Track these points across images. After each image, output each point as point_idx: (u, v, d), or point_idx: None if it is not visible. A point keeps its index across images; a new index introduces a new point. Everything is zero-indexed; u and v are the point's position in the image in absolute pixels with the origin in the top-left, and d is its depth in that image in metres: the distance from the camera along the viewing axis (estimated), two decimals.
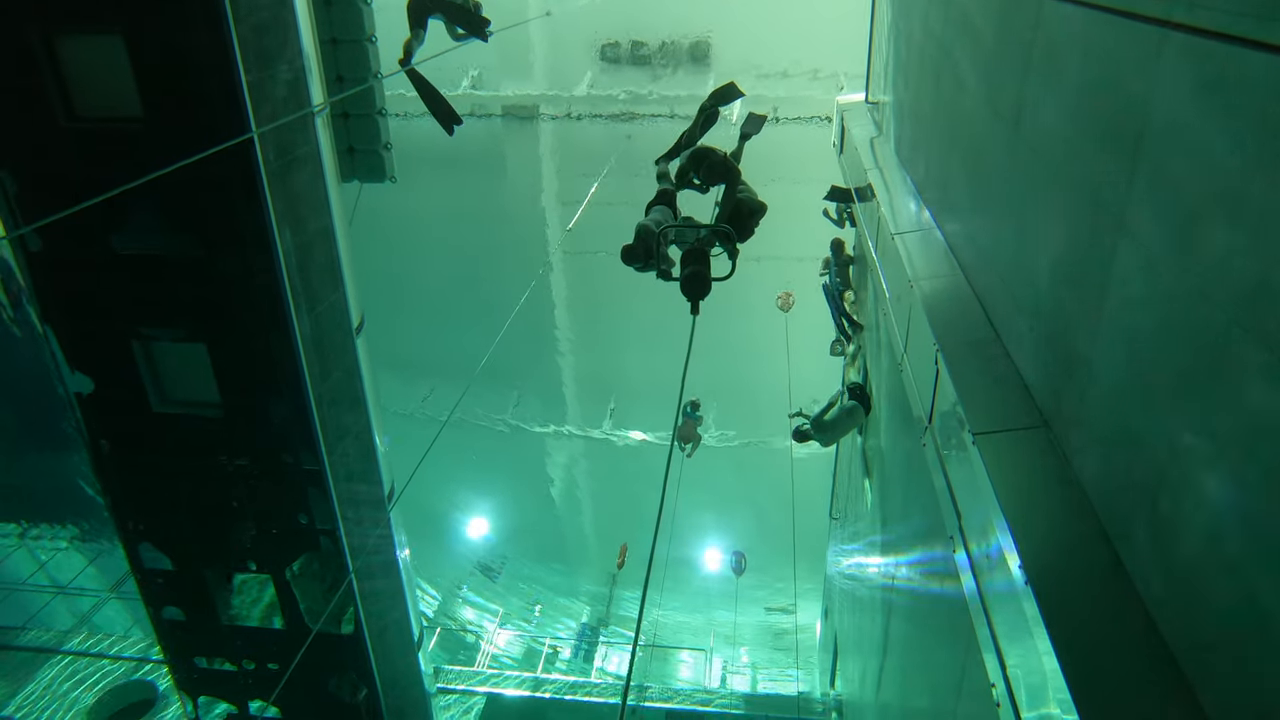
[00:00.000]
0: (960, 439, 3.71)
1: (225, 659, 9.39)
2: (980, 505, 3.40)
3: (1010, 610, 2.97)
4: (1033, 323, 3.77)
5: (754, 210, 6.59)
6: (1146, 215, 2.66)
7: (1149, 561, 2.69)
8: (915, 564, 5.99)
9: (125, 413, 7.94)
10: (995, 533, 3.15)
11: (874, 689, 7.97)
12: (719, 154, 6.62)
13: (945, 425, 4.12)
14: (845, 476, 10.86)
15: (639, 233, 6.19)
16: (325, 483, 7.86)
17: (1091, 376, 3.07)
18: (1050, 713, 2.65)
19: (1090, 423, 3.10)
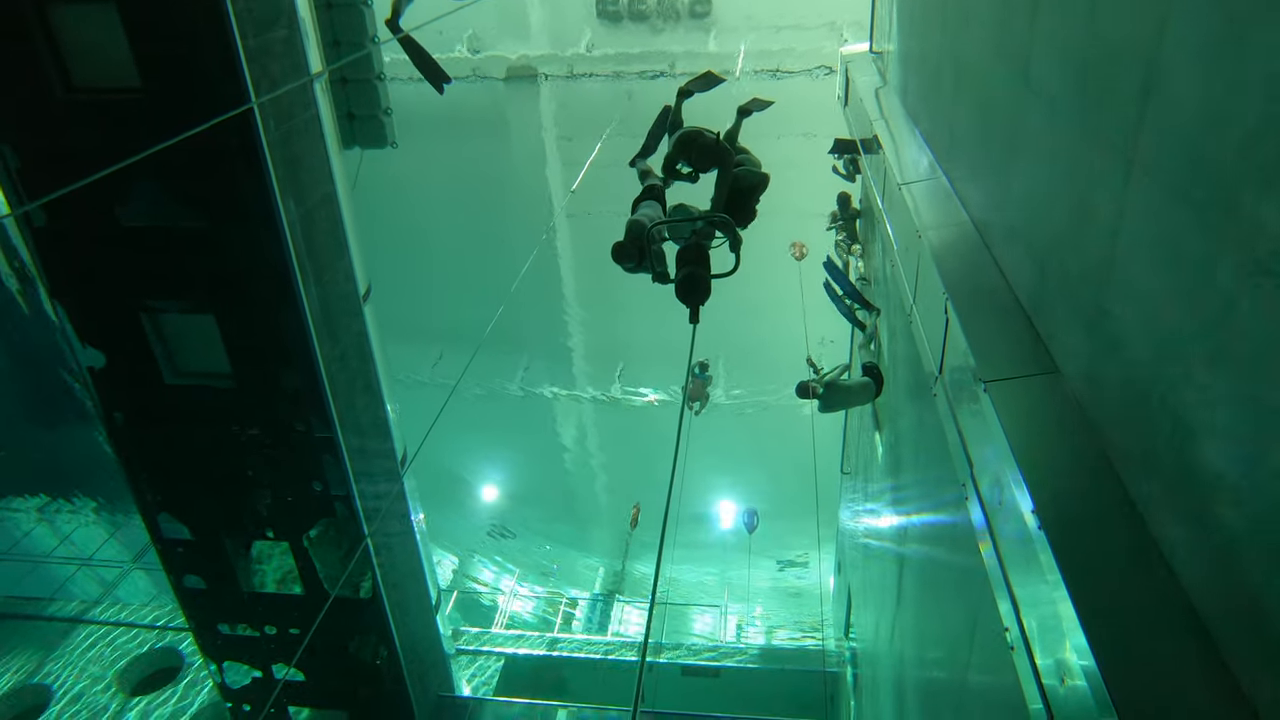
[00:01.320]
0: (971, 387, 3.70)
1: (247, 625, 9.54)
2: (992, 453, 3.39)
3: (1023, 555, 2.99)
4: (1044, 269, 3.74)
5: (754, 186, 6.07)
6: (1158, 157, 2.62)
7: (1163, 504, 2.69)
8: (927, 515, 6.02)
9: (138, 386, 7.99)
10: (1007, 479, 3.16)
11: (888, 639, 8.05)
12: (709, 136, 5.93)
13: (955, 374, 4.11)
14: (856, 431, 10.88)
15: (630, 229, 5.60)
16: (338, 449, 7.92)
17: (1105, 321, 3.05)
18: (1064, 656, 2.67)
19: (1103, 367, 3.08)
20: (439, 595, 10.54)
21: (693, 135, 5.99)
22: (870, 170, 8.33)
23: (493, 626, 16.28)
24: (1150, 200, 2.67)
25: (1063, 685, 2.66)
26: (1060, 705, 2.73)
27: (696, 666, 12.10)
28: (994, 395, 3.41)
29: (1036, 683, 2.87)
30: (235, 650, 9.83)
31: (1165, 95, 2.58)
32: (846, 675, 11.44)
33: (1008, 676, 3.47)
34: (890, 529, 7.97)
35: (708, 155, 5.90)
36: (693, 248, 5.31)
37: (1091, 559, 2.66)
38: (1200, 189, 2.37)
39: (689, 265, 5.17)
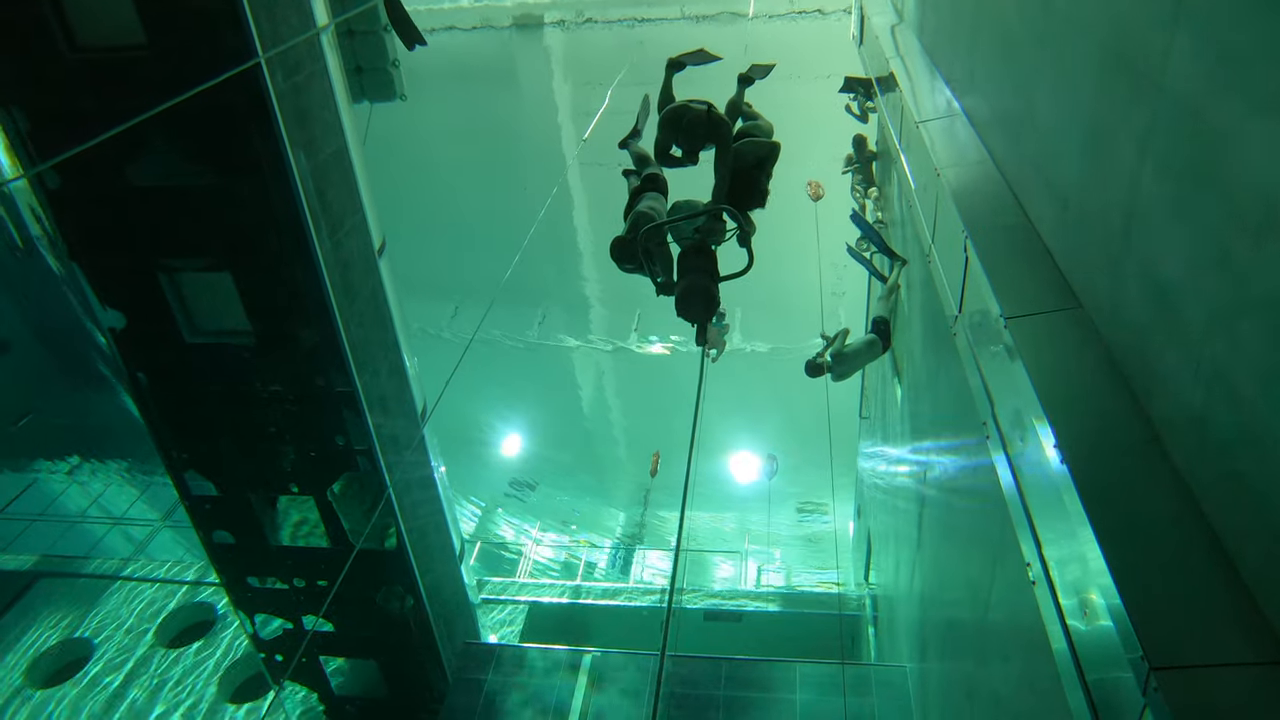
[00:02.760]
0: (991, 324, 3.66)
1: (276, 578, 9.72)
2: (1013, 390, 3.37)
3: (1046, 491, 2.97)
4: (1065, 203, 3.66)
5: (762, 158, 5.38)
6: (1185, 85, 2.54)
7: (1187, 438, 2.66)
8: (947, 456, 6.01)
9: (159, 345, 8.05)
10: (1029, 416, 3.13)
11: (907, 581, 8.11)
12: (697, 109, 5.06)
13: (975, 312, 4.07)
14: (875, 376, 10.84)
15: (632, 224, 5.03)
16: (359, 404, 7.97)
17: (1127, 253, 2.99)
18: (1087, 591, 2.67)
19: (1126, 301, 3.03)
20: (462, 546, 10.69)
21: (679, 111, 5.13)
22: (887, 110, 8.17)
23: (516, 576, 16.55)
24: (1177, 130, 2.60)
25: (1085, 620, 2.67)
26: (1083, 640, 2.74)
27: (718, 611, 12.27)
28: (1015, 332, 3.37)
29: (1059, 618, 2.88)
30: (266, 603, 10.03)
31: (1194, 19, 2.49)
32: (866, 618, 11.57)
33: (1029, 613, 3.48)
34: (910, 472, 7.98)
35: (699, 131, 5.04)
36: (692, 251, 4.68)
37: (1115, 493, 2.65)
38: (1228, 119, 2.30)
39: (689, 274, 4.56)
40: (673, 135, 5.14)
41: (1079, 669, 2.72)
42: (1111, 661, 2.47)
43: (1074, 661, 2.76)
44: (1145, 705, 2.17)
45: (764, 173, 5.43)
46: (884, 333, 9.28)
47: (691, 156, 5.14)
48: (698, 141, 5.07)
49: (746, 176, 5.26)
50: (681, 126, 5.06)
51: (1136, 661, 2.20)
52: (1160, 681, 2.11)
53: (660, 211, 5.22)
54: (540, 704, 8.71)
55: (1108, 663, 2.53)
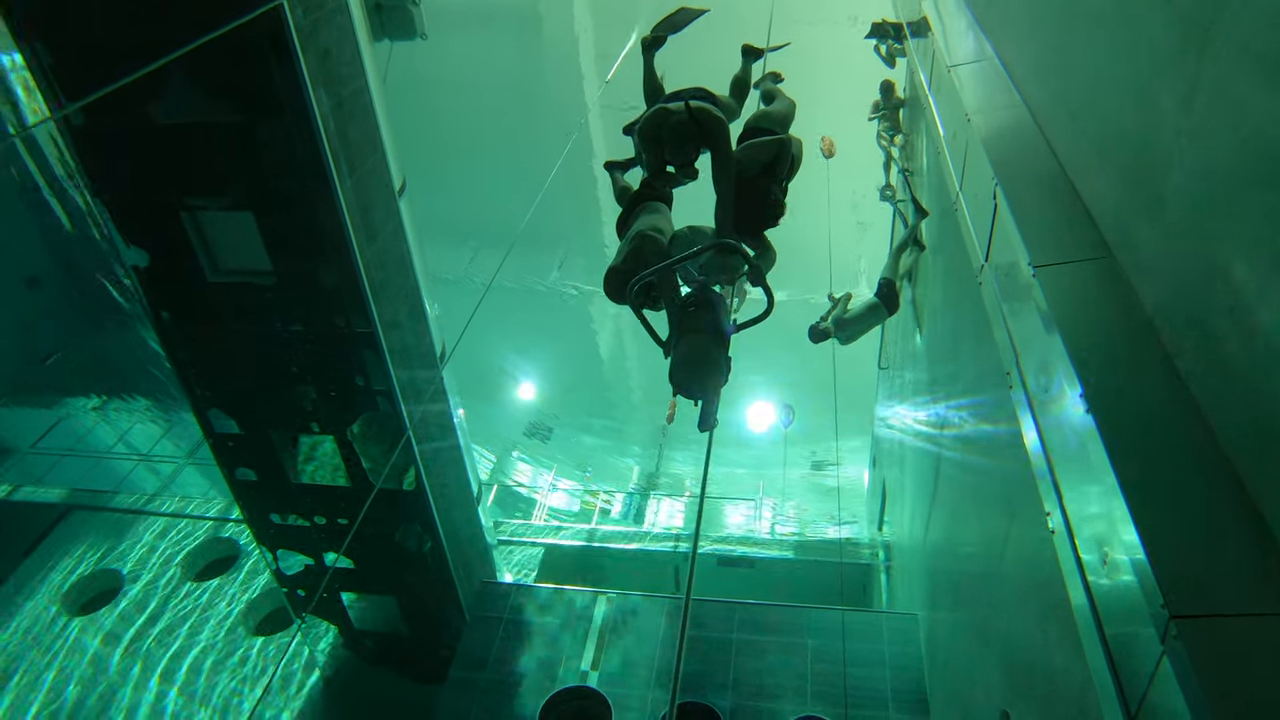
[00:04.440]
0: (1020, 273, 3.60)
1: (298, 515, 9.90)
2: (1039, 339, 3.33)
3: (1069, 441, 2.96)
4: (1102, 151, 3.58)
5: (768, 163, 4.39)
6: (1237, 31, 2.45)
7: (1219, 389, 2.63)
8: (966, 408, 5.99)
9: (182, 284, 8.09)
10: (1055, 366, 3.10)
11: (922, 531, 8.15)
12: (674, 111, 4.02)
13: (1003, 261, 4.01)
14: (896, 325, 10.77)
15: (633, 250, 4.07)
16: (378, 344, 8.01)
17: (1164, 202, 2.92)
18: (1108, 539, 2.67)
19: (1161, 251, 2.97)
20: (480, 488, 10.82)
21: (654, 119, 4.12)
22: (917, 54, 7.98)
23: (532, 519, 16.77)
24: (1226, 77, 2.51)
25: (1105, 570, 2.67)
26: (1101, 590, 2.74)
27: (732, 556, 12.42)
28: (1044, 280, 3.32)
29: (1078, 568, 2.88)
30: (288, 539, 10.24)
31: None
32: (879, 566, 11.68)
33: (1046, 564, 3.50)
34: (928, 422, 7.96)
35: (683, 140, 4.01)
36: (693, 302, 3.73)
37: (1141, 444, 2.63)
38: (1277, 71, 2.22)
39: (687, 334, 3.59)
40: (657, 151, 4.16)
41: (1096, 618, 2.73)
42: (1130, 611, 2.47)
43: (1091, 611, 2.77)
44: (1163, 653, 2.18)
45: (774, 178, 4.44)
46: (888, 295, 9.17)
47: (686, 170, 4.15)
48: (687, 151, 4.06)
49: (753, 188, 4.35)
50: (662, 138, 4.09)
51: (1156, 610, 2.20)
52: (1180, 629, 2.11)
53: (665, 231, 4.25)
54: (556, 642, 8.89)
55: (1126, 612, 2.53)
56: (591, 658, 8.74)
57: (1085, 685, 2.94)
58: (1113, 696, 2.62)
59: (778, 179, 4.50)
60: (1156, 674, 2.21)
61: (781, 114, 4.88)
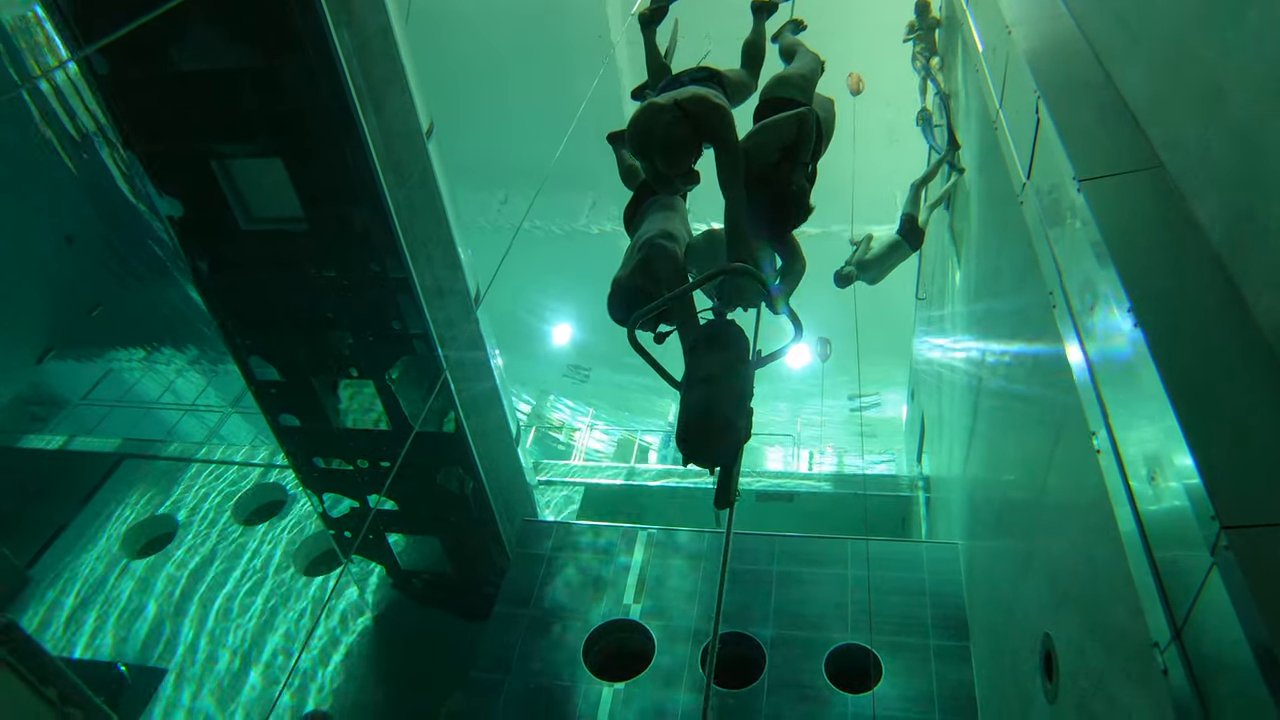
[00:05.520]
0: (1063, 189, 3.49)
1: (341, 459, 10.09)
2: (1083, 255, 3.23)
3: (1114, 357, 2.89)
4: (1154, 61, 3.41)
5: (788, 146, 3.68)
6: None
7: (1272, 301, 2.53)
8: (1006, 332, 5.87)
9: (216, 233, 8.16)
10: (1100, 281, 3.01)
11: (962, 461, 8.10)
12: (664, 114, 3.35)
13: (1045, 177, 3.88)
14: (932, 255, 10.58)
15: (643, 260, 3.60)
16: (413, 288, 8.04)
17: (1220, 109, 2.79)
18: (1156, 455, 2.61)
19: (1214, 159, 2.85)
20: (518, 429, 10.93)
21: (645, 124, 3.42)
22: None
23: (571, 459, 16.97)
24: None
25: (1153, 485, 2.62)
26: (1148, 506, 2.70)
27: (770, 492, 12.47)
28: (1089, 194, 3.21)
29: (1124, 486, 2.83)
30: (332, 483, 10.46)
31: None
32: (919, 498, 11.66)
33: (1091, 484, 3.44)
34: (967, 350, 7.85)
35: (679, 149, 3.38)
36: (703, 341, 3.16)
37: (1192, 356, 2.55)
38: None
39: (697, 384, 3.00)
40: (649, 163, 3.51)
41: (1143, 535, 2.70)
42: (1178, 526, 2.43)
43: (1138, 528, 2.73)
44: (1213, 565, 2.14)
45: (795, 164, 3.73)
46: (911, 231, 9.10)
47: (688, 177, 3.51)
48: (683, 160, 3.42)
49: (771, 180, 3.69)
50: (653, 149, 3.41)
51: (1206, 522, 2.16)
52: (1231, 540, 2.07)
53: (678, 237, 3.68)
54: (597, 577, 9.04)
55: (1173, 528, 2.49)
56: (633, 592, 8.88)
57: (1129, 604, 2.92)
58: (1159, 612, 2.59)
59: (801, 162, 3.76)
60: (1205, 586, 2.17)
61: (802, 75, 4.15)
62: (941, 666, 7.40)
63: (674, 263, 3.59)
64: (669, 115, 3.37)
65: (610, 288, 3.76)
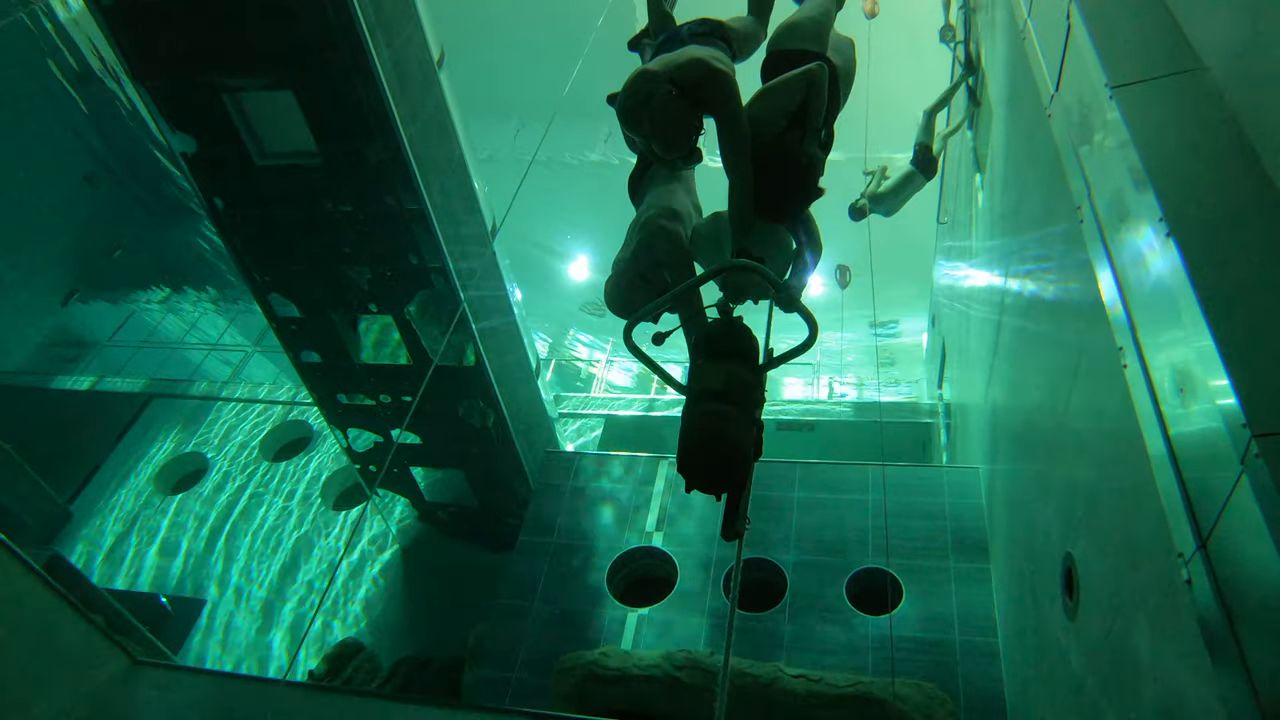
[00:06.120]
0: (1094, 98, 3.37)
1: (364, 395, 10.19)
2: (1114, 165, 3.14)
3: (1144, 270, 2.82)
4: None
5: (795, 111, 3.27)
6: None
7: None
8: (1031, 251, 5.77)
9: (230, 169, 8.11)
10: (1131, 191, 2.93)
11: (983, 387, 8.06)
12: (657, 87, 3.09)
13: (1076, 87, 3.75)
14: (954, 177, 10.37)
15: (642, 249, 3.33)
16: (429, 222, 8.00)
17: None
18: (1186, 366, 2.57)
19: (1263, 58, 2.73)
20: (538, 362, 10.98)
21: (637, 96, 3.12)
22: None
23: (591, 391, 17.05)
24: None
25: (1181, 397, 2.59)
26: (1176, 419, 2.67)
27: (792, 421, 12.51)
28: (1123, 102, 3.10)
29: (1151, 399, 2.80)
30: (356, 418, 10.59)
31: None
32: (939, 425, 11.66)
33: (1116, 401, 3.41)
34: (990, 273, 7.74)
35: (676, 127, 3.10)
36: (704, 344, 2.90)
37: (1226, 266, 2.49)
38: None
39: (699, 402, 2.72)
40: (644, 138, 3.21)
41: (1169, 448, 2.67)
42: (1206, 436, 2.41)
43: (1164, 441, 2.70)
44: (1241, 473, 2.12)
45: (806, 130, 3.30)
46: (924, 161, 9.02)
47: (689, 156, 3.24)
48: (682, 140, 3.13)
49: (778, 151, 3.28)
50: (645, 126, 3.12)
51: (1237, 430, 2.13)
52: (1262, 448, 2.04)
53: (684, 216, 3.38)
54: (620, 506, 9.16)
55: (1202, 439, 2.47)
56: (655, 520, 8.99)
57: (1154, 518, 2.91)
58: (1184, 525, 2.59)
59: (813, 129, 3.34)
60: (1234, 494, 2.15)
61: (814, 20, 3.61)
62: (961, 588, 7.48)
63: (677, 246, 3.28)
64: (662, 91, 3.05)
65: (610, 272, 3.44)
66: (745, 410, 2.72)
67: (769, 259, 3.11)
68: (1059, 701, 4.64)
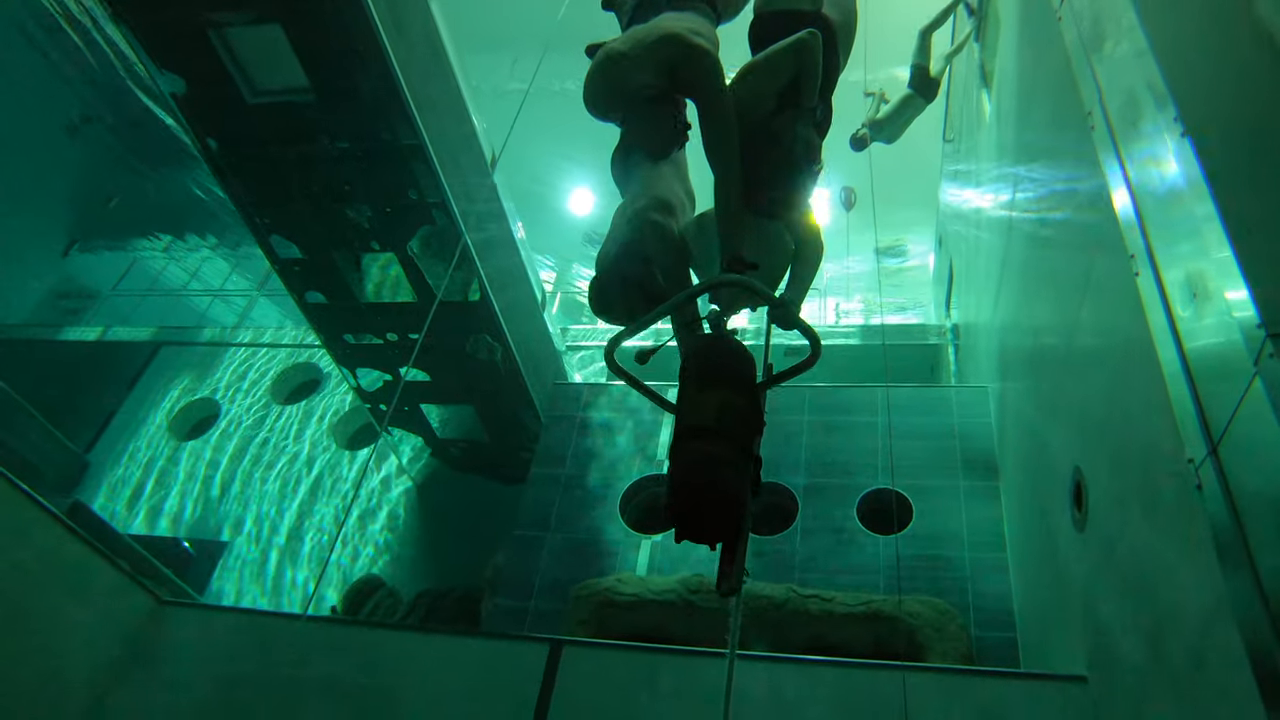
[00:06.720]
0: None
1: (370, 334, 10.20)
2: (1127, 66, 3.04)
3: (1158, 172, 2.76)
4: None
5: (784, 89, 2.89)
6: None
7: None
8: (1039, 162, 5.66)
9: (222, 109, 7.97)
10: (1145, 92, 2.84)
11: (991, 305, 8.01)
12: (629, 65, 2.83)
13: None
14: (960, 94, 10.13)
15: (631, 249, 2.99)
16: (427, 155, 7.88)
17: None
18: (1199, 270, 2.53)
19: None
20: (544, 295, 10.93)
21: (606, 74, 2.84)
22: None
23: (597, 324, 17.03)
24: None
25: (1194, 301, 2.55)
26: (1188, 322, 2.64)
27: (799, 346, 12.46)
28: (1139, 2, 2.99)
29: (1163, 305, 2.76)
30: (364, 357, 10.62)
31: None
32: (947, 347, 11.64)
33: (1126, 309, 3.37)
34: (998, 188, 7.62)
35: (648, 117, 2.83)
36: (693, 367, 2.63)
37: (1242, 165, 2.42)
38: None
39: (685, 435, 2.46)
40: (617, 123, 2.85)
41: (1182, 355, 2.64)
42: (1219, 339, 2.38)
43: (1177, 348, 2.67)
44: (1255, 374, 2.10)
45: (798, 109, 2.90)
46: (923, 83, 8.87)
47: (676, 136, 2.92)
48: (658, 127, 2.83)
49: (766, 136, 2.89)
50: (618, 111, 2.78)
51: (1251, 331, 2.10)
52: (1277, 347, 2.02)
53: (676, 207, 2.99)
54: (630, 435, 9.21)
55: (1214, 342, 2.44)
56: (666, 448, 9.06)
57: (1165, 426, 2.90)
58: (1196, 431, 2.57)
59: (806, 107, 2.93)
60: (1247, 396, 2.13)
61: None
62: (971, 505, 7.55)
63: (670, 244, 2.94)
64: (636, 77, 2.68)
65: (595, 271, 3.06)
66: (740, 447, 2.41)
67: (764, 263, 2.83)
68: (1067, 612, 4.71)
